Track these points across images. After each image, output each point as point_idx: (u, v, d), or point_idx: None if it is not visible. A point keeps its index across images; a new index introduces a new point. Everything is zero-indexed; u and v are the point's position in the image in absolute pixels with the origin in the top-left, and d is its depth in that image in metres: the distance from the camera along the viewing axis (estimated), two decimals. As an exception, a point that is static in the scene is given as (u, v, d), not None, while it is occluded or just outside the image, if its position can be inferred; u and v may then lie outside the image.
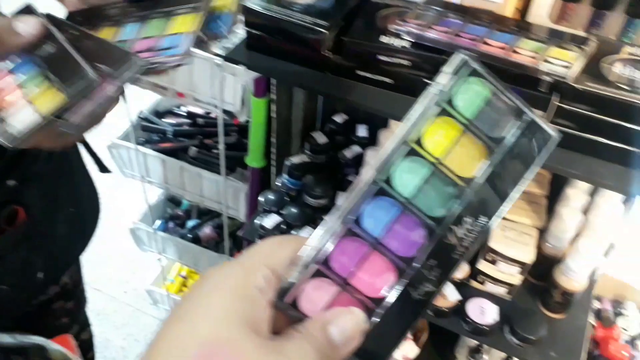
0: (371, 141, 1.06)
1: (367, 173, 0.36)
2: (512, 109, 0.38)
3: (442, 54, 0.65)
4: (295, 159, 1.05)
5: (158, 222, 1.62)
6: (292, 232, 1.02)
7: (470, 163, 0.37)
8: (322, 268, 0.35)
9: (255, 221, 1.02)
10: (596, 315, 1.43)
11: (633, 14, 0.70)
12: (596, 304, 1.46)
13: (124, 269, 1.97)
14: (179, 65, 0.53)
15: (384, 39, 0.67)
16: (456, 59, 0.38)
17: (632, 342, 1.40)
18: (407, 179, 0.36)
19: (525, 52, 0.61)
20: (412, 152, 0.36)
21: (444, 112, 0.37)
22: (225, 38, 0.53)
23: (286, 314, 0.34)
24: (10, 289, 0.77)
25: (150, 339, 0.32)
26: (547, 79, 0.59)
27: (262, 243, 0.35)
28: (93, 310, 1.83)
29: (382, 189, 0.36)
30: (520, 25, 0.68)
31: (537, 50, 0.61)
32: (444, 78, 0.37)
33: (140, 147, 1.28)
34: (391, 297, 0.35)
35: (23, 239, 0.76)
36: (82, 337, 1.14)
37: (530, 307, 0.95)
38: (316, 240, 0.35)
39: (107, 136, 1.30)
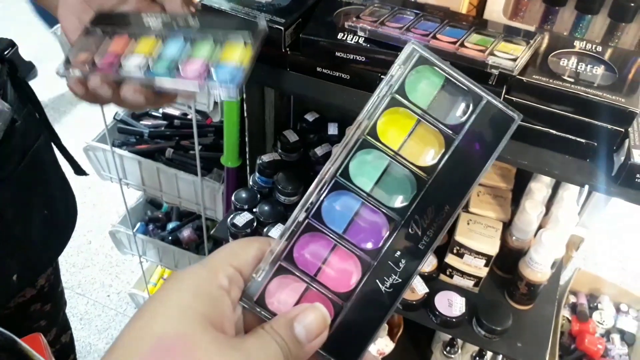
0: (341, 139, 1.07)
1: (325, 168, 0.36)
2: (468, 93, 0.37)
3: (395, 50, 0.66)
4: (266, 157, 1.06)
5: (138, 225, 1.62)
6: (265, 229, 1.03)
7: (428, 152, 0.36)
8: (287, 265, 0.35)
9: (228, 219, 1.03)
10: (572, 309, 1.45)
11: (583, 10, 0.72)
12: (572, 299, 1.48)
13: (107, 272, 1.98)
14: None
15: (340, 35, 0.69)
16: (406, 50, 0.37)
17: (607, 335, 1.42)
18: (365, 172, 0.36)
19: (473, 46, 0.62)
20: (368, 145, 0.36)
21: (397, 103, 0.36)
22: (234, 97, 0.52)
23: (253, 312, 0.34)
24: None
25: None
26: (494, 71, 0.61)
27: (228, 244, 0.35)
28: (76, 314, 1.84)
29: (341, 183, 0.36)
30: (475, 22, 0.70)
31: (485, 44, 0.63)
32: (395, 69, 0.37)
33: (117, 149, 1.29)
34: (359, 291, 0.35)
35: (-5, 242, 0.77)
36: (62, 340, 1.14)
37: (497, 299, 0.97)
38: (281, 238, 0.35)
39: (83, 138, 1.31)
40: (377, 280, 0.35)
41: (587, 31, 0.75)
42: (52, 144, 0.92)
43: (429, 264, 0.98)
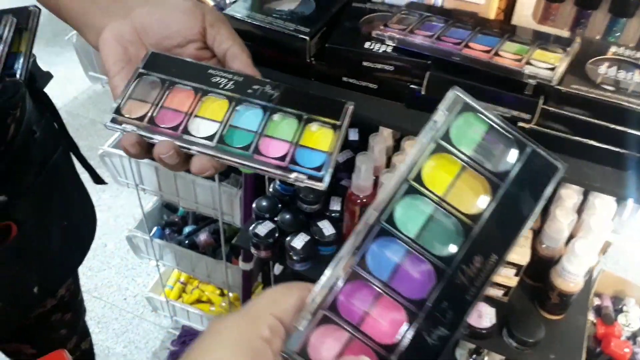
0: (362, 145, 1.05)
1: (368, 213, 0.35)
2: (513, 141, 0.37)
3: (425, 59, 0.64)
4: (287, 165, 1.04)
5: (155, 229, 1.62)
6: (287, 238, 1.02)
7: (474, 199, 0.36)
8: (330, 314, 0.34)
9: (249, 229, 1.02)
10: (597, 312, 1.43)
11: (617, 13, 0.69)
12: (596, 301, 1.45)
13: (123, 275, 1.98)
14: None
15: (367, 44, 0.66)
16: (450, 96, 0.37)
17: (633, 338, 1.39)
18: (410, 218, 0.36)
19: (508, 55, 0.60)
20: (412, 191, 0.36)
21: (442, 149, 0.36)
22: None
23: None
24: (4, 304, 0.77)
25: (150, 345, 0.31)
26: (532, 82, 0.59)
27: (268, 291, 0.35)
28: (93, 318, 1.84)
29: (385, 230, 0.35)
30: (504, 28, 0.68)
31: (521, 53, 0.60)
32: (439, 115, 0.37)
33: (134, 156, 1.28)
34: (404, 343, 0.34)
35: (16, 255, 0.76)
36: (82, 348, 1.14)
37: (527, 309, 0.95)
38: (322, 285, 0.34)
39: (97, 141, 1.30)
40: (423, 332, 0.34)
41: (622, 35, 0.72)
42: (71, 153, 0.91)
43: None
